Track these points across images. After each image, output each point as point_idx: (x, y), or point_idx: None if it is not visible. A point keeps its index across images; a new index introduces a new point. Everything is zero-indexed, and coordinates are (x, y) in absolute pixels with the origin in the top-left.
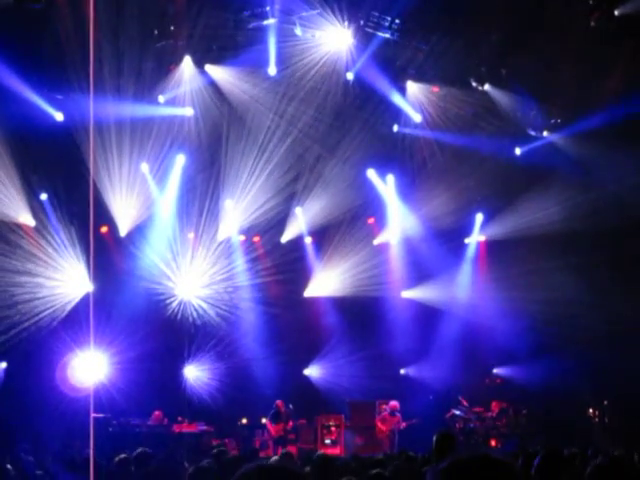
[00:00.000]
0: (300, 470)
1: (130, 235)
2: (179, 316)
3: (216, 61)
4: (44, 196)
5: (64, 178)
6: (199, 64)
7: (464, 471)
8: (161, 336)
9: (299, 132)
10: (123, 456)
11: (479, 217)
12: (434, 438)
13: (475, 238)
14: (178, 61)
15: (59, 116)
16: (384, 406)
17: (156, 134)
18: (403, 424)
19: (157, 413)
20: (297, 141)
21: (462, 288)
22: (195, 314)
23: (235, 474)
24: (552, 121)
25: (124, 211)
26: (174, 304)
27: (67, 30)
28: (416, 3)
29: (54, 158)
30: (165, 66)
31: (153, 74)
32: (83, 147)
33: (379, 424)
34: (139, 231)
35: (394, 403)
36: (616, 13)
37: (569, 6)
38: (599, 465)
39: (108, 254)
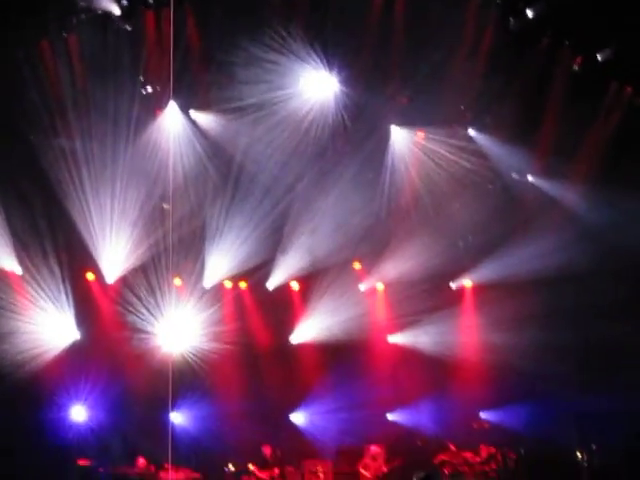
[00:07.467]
0: None
1: (117, 282)
2: (165, 363)
3: (201, 107)
4: (30, 242)
5: (49, 223)
6: (184, 109)
7: None
8: (147, 383)
9: (285, 178)
10: None
11: (465, 261)
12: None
13: (461, 282)
14: (163, 106)
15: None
16: (371, 450)
17: (141, 179)
18: (384, 468)
19: (141, 460)
20: (283, 187)
21: (449, 332)
22: (181, 361)
23: None
24: (537, 165)
25: (111, 258)
26: (161, 351)
27: (53, 73)
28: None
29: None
30: (150, 112)
31: (138, 120)
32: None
33: (362, 471)
34: (125, 278)
35: (375, 448)
36: (599, 58)
37: (551, 51)
38: None
39: (94, 301)
